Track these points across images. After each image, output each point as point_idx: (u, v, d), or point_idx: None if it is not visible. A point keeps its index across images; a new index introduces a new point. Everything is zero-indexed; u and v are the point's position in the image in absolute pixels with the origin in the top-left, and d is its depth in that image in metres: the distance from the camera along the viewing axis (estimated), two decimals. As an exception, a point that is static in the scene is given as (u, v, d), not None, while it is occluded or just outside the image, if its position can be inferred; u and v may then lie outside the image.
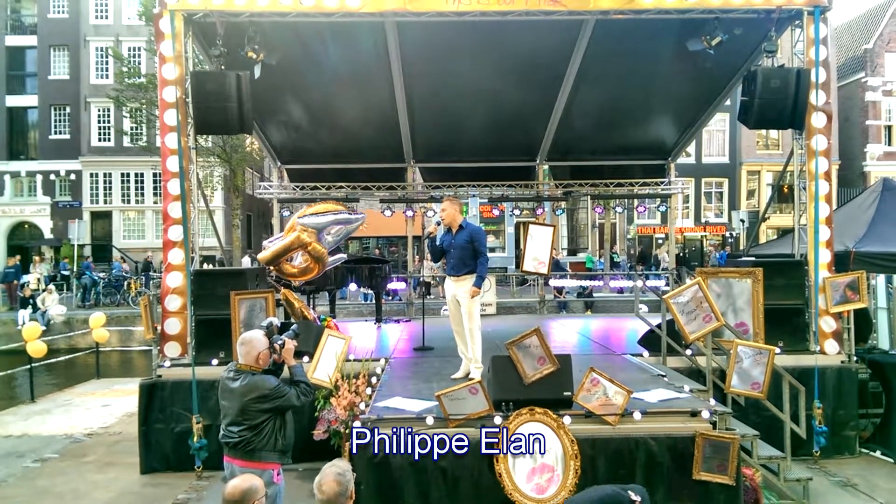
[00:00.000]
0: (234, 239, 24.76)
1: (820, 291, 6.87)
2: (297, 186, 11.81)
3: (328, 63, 8.65)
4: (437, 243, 5.94)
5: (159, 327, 6.82)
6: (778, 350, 5.71)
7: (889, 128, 26.93)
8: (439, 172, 12.31)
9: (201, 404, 6.20)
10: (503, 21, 7.09)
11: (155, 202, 25.98)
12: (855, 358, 6.96)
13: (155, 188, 26.21)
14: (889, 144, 26.85)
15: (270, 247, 7.83)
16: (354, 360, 6.32)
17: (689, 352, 6.68)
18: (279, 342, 3.99)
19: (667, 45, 8.17)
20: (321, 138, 10.82)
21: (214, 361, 6.46)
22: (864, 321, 7.97)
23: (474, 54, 8.53)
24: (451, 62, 8.79)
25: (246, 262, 22.39)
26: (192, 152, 7.08)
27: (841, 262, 7.02)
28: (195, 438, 6.13)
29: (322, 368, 5.86)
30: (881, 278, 9.08)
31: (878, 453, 6.68)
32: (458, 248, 5.72)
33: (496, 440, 4.33)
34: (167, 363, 6.70)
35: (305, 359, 6.60)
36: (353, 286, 11.13)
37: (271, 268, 7.84)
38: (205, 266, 11.09)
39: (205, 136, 15.10)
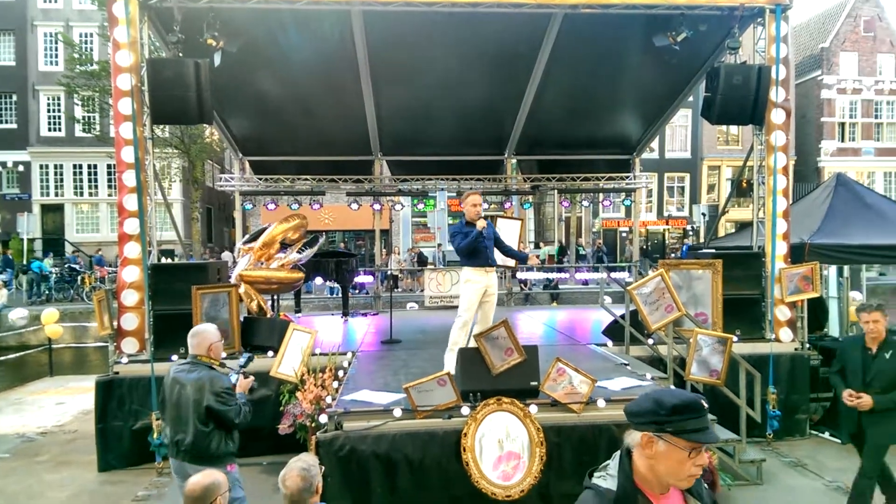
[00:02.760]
0: (193, 233, 24.23)
1: (776, 282, 7.08)
2: (260, 178, 11.61)
3: (292, 52, 8.50)
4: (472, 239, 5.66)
5: (116, 323, 6.64)
6: (735, 338, 5.86)
7: (843, 125, 27.87)
8: (407, 165, 12.25)
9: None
10: (472, 13, 7.08)
11: (110, 194, 25.20)
12: (807, 345, 7.20)
13: (109, 180, 25.42)
14: (842, 141, 27.79)
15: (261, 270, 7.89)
16: (321, 354, 6.25)
17: (651, 341, 6.81)
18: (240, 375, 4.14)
19: (633, 40, 8.28)
20: (285, 129, 10.64)
21: (174, 357, 6.30)
22: (820, 310, 8.25)
23: (443, 46, 8.50)
24: (419, 54, 8.74)
25: (227, 257, 21.95)
26: (149, 143, 6.88)
27: (796, 254, 7.24)
28: (155, 435, 6.00)
29: (287, 363, 5.80)
30: (833, 269, 9.40)
31: (826, 435, 6.94)
32: (490, 240, 5.65)
33: (463, 430, 4.34)
34: (124, 359, 6.54)
35: (270, 353, 6.53)
36: (318, 280, 11.01)
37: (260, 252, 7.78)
38: (164, 260, 10.85)
39: (161, 126, 14.75)
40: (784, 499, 5.21)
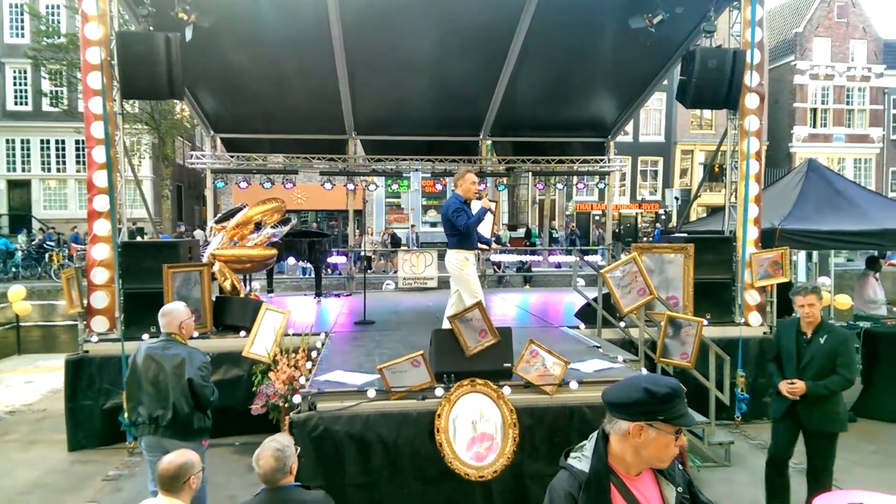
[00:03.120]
0: (163, 210, 23.78)
1: (746, 266, 7.20)
2: (232, 156, 11.39)
3: (265, 28, 8.31)
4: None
5: (86, 301, 6.51)
6: (706, 322, 5.96)
7: (815, 111, 28.31)
8: (382, 145, 12.12)
9: (131, 380, 5.96)
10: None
11: (78, 171, 24.54)
12: (776, 329, 7.36)
13: (78, 156, 24.71)
14: (814, 127, 28.26)
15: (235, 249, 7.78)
16: (294, 335, 6.21)
17: (622, 324, 6.90)
18: None
19: (609, 22, 8.27)
20: (258, 106, 10.44)
21: (145, 336, 6.20)
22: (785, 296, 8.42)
23: (419, 26, 8.39)
24: (395, 33, 8.61)
25: (199, 235, 21.57)
26: (118, 118, 6.71)
27: (767, 239, 7.36)
28: (126, 414, 5.92)
29: (260, 343, 5.76)
30: (802, 254, 9.61)
31: (793, 418, 7.12)
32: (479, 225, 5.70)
33: (437, 411, 4.36)
34: (94, 338, 6.43)
35: (242, 333, 6.47)
36: (291, 260, 10.91)
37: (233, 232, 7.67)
38: (137, 238, 10.63)
39: (131, 102, 14.36)
40: (751, 480, 5.35)
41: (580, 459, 1.85)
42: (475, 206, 5.69)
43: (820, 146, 27.69)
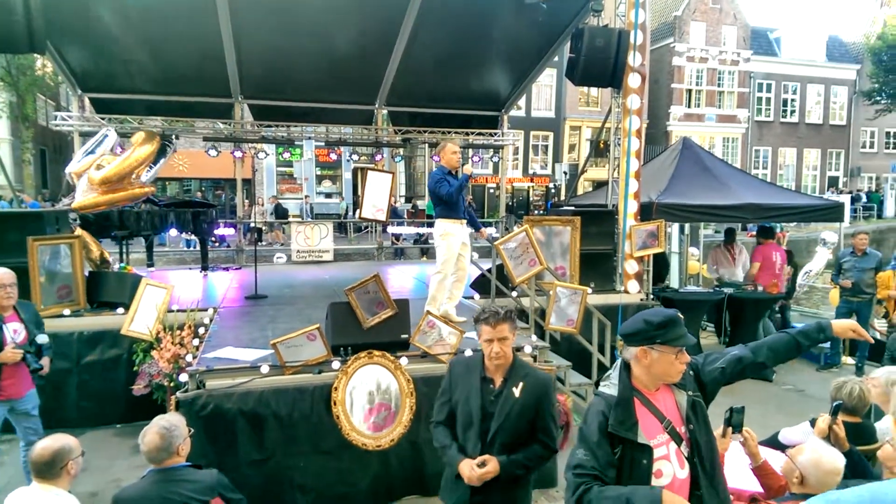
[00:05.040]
0: (24, 177, 21.58)
1: (627, 238, 7.68)
2: (103, 118, 10.46)
3: (141, -22, 7.63)
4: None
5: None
6: (590, 290, 6.31)
7: (690, 91, 30.31)
8: (271, 111, 11.59)
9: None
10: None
11: (-81, 130, 21.67)
12: (651, 296, 7.94)
13: (-82, 114, 21.79)
14: (689, 107, 30.29)
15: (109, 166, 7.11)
16: (178, 311, 5.91)
17: (515, 293, 7.15)
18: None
19: (503, -4, 8.34)
20: (133, 64, 9.61)
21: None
22: (663, 264, 9.07)
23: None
24: (285, -8, 8.20)
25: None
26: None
27: (645, 212, 7.86)
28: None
29: (140, 320, 5.45)
30: (676, 227, 10.35)
31: (665, 376, 7.76)
32: (463, 192, 5.57)
33: (334, 384, 4.33)
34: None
35: (120, 310, 6.06)
36: (173, 231, 10.28)
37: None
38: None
39: (-17, 53, 12.78)
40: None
41: (608, 386, 2.25)
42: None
43: (694, 125, 29.78)
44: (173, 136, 10.19)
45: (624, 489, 2.04)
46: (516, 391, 2.75)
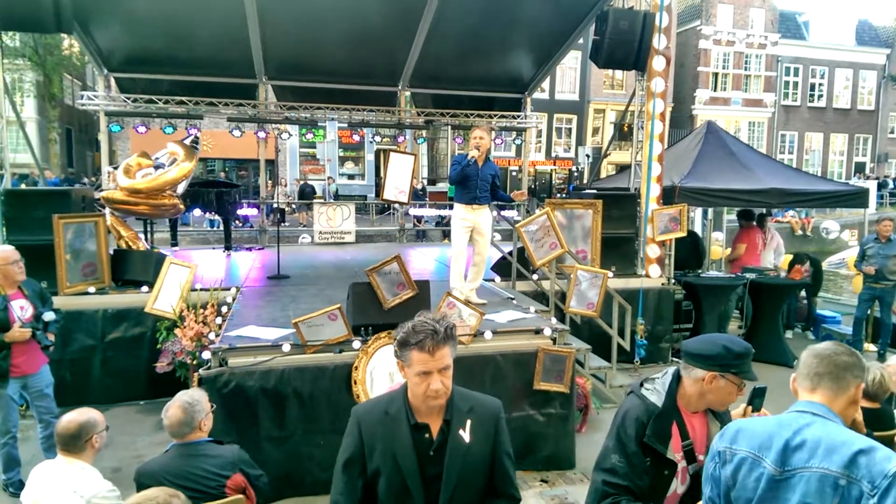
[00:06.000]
0: (51, 156, 21.93)
1: (649, 222, 7.59)
2: (129, 98, 10.56)
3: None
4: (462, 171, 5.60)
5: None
6: (611, 274, 6.27)
7: (716, 75, 29.72)
8: (295, 92, 11.61)
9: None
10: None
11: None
12: (673, 281, 7.86)
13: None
14: (715, 90, 29.72)
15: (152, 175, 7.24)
16: (202, 290, 5.99)
17: (535, 276, 7.13)
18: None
19: (527, -25, 8.21)
20: (158, 44, 9.67)
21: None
22: (700, 250, 8.97)
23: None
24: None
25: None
26: (-4, 51, 6.04)
27: (668, 196, 7.76)
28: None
29: (164, 298, 5.53)
30: (699, 211, 10.21)
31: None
32: (484, 179, 5.64)
33: (354, 363, 4.37)
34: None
35: (144, 288, 6.16)
36: (197, 212, 10.40)
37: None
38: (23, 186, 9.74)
39: (11, 34, 12.92)
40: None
41: (652, 392, 2.20)
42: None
43: (720, 109, 29.23)
44: (198, 132, 10.28)
45: None
46: (464, 434, 1.98)
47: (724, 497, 1.78)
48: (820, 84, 31.29)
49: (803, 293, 8.94)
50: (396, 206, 13.76)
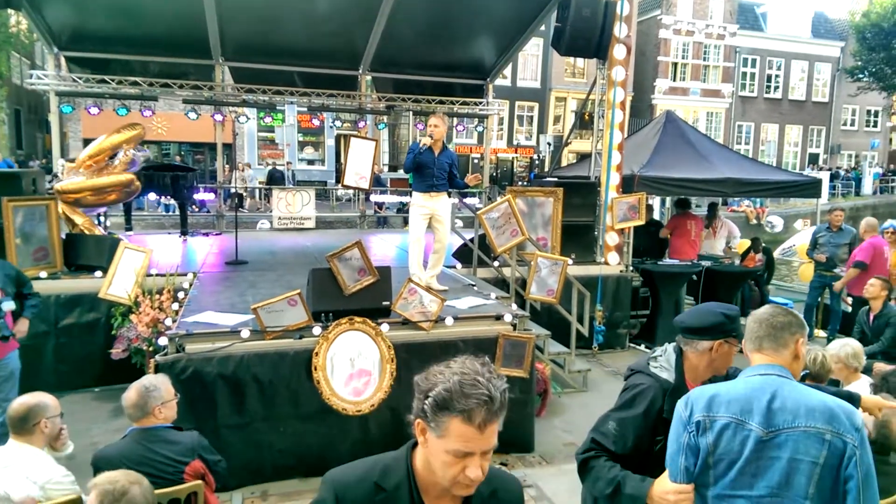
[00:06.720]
0: (-1, 137, 21.01)
1: (608, 210, 7.73)
2: (80, 78, 10.17)
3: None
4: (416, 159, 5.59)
5: None
6: (570, 261, 6.38)
7: (675, 65, 30.22)
8: (253, 74, 11.34)
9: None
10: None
11: None
12: (630, 268, 8.04)
13: None
14: (674, 80, 30.22)
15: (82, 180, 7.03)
16: (158, 275, 5.86)
17: (496, 263, 7.20)
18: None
19: (491, -39, 8.19)
20: (111, 22, 9.31)
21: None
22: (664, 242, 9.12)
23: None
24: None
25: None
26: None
27: (627, 185, 7.90)
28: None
29: (119, 284, 5.41)
30: (657, 200, 10.43)
31: (642, 347, 7.91)
32: (440, 168, 5.62)
33: (315, 349, 4.36)
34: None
35: (98, 273, 6.00)
36: (152, 195, 10.13)
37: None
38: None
39: (-48, 7, 12.29)
40: (604, 403, 5.77)
41: (661, 369, 2.27)
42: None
43: (679, 99, 29.76)
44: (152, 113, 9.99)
45: (620, 472, 2.11)
46: None
47: (702, 463, 1.87)
48: (776, 76, 32.13)
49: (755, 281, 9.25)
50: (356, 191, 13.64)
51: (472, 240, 7.41)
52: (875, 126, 35.06)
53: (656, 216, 10.85)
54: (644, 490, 2.01)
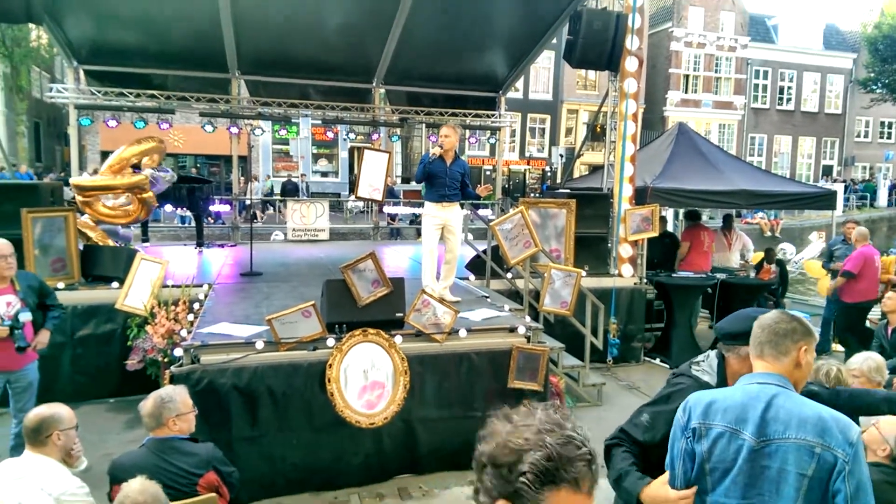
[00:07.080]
0: (18, 149, 21.35)
1: (621, 222, 7.70)
2: (99, 91, 10.34)
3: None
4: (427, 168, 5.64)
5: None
6: (584, 273, 6.35)
7: (687, 77, 30.17)
8: (268, 88, 11.49)
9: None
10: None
11: None
12: (645, 280, 7.99)
13: None
14: (686, 92, 30.17)
15: (95, 177, 7.13)
16: (173, 287, 5.91)
17: (509, 275, 7.18)
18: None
19: (503, -25, 8.25)
20: (130, 37, 9.48)
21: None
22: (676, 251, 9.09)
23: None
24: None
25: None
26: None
27: (640, 197, 7.88)
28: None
29: (135, 295, 5.45)
30: (671, 211, 10.38)
31: (657, 361, 7.83)
32: (452, 177, 5.66)
33: (328, 361, 4.36)
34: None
35: (115, 284, 6.06)
36: (168, 207, 10.24)
37: (78, 196, 7.01)
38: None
39: (-25, 23, 12.58)
40: (619, 417, 5.76)
41: (704, 373, 2.32)
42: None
43: (690, 111, 29.68)
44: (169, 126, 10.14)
45: (627, 467, 2.16)
46: None
47: (697, 469, 1.88)
48: (789, 87, 31.97)
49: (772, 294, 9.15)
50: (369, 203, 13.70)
51: (485, 251, 7.41)
52: (889, 138, 34.72)
53: (669, 228, 10.79)
54: (637, 489, 2.06)
